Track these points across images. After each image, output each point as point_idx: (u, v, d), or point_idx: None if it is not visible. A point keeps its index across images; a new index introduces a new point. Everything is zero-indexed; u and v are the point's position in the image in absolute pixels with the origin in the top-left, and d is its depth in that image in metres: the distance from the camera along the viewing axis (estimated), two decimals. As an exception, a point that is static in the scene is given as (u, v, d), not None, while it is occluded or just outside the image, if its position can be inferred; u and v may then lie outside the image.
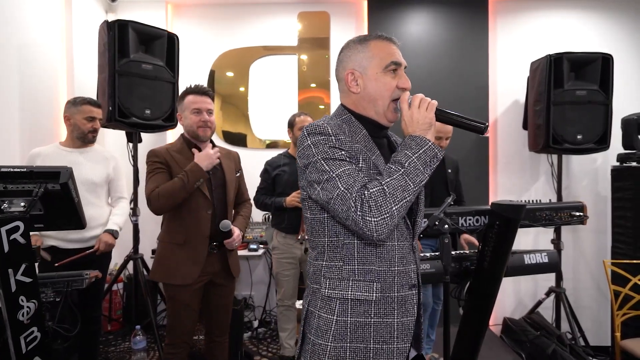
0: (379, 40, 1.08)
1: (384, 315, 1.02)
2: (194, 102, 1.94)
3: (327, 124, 1.03)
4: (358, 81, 1.08)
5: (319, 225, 1.07)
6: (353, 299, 1.02)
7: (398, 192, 0.94)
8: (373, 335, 1.02)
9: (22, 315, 1.33)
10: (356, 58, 1.08)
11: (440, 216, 1.54)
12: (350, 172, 0.97)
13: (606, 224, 3.23)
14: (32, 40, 2.63)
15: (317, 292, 1.07)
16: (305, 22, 3.51)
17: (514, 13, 3.44)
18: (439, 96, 3.46)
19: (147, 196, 1.84)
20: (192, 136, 1.97)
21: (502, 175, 3.45)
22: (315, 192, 1.01)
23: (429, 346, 2.75)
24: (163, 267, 1.90)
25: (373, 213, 0.92)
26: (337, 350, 1.01)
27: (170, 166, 1.89)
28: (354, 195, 0.94)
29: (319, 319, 1.05)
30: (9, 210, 1.34)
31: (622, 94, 3.12)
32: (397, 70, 1.08)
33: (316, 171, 1.00)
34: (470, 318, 1.80)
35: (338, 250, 1.04)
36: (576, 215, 1.91)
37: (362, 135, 1.07)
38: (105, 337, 3.12)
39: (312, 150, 1.01)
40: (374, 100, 1.07)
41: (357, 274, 1.03)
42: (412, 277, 1.07)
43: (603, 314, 3.25)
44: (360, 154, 1.03)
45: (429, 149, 0.97)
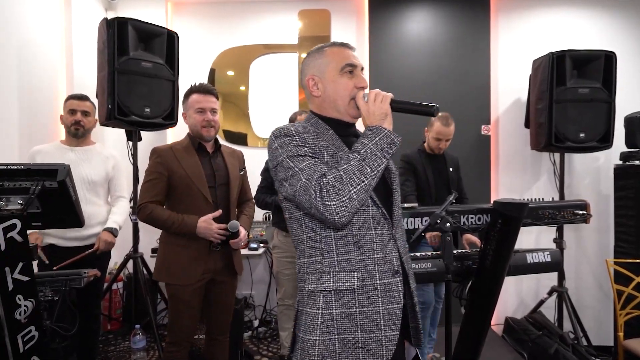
0: (334, 46, 1.17)
1: (368, 304, 1.04)
2: (197, 102, 1.93)
3: (291, 126, 1.10)
4: (318, 85, 1.16)
5: (297, 223, 1.11)
6: (336, 290, 1.05)
7: (355, 177, 0.99)
8: (360, 324, 1.04)
9: (19, 314, 1.32)
10: (315, 64, 1.17)
11: (442, 214, 1.52)
12: (312, 165, 1.03)
13: (609, 223, 3.20)
14: (32, 38, 2.62)
15: (303, 290, 1.10)
16: (306, 20, 3.50)
17: (515, 10, 3.42)
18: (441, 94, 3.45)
19: (139, 204, 1.86)
20: (196, 135, 1.95)
21: (504, 173, 3.43)
22: (285, 189, 1.06)
23: (430, 345, 2.73)
24: (167, 267, 1.89)
25: (332, 197, 0.98)
26: (326, 344, 1.03)
27: (172, 167, 1.87)
28: (313, 184, 0.99)
29: (306, 315, 1.07)
30: (6, 208, 1.33)
31: (625, 92, 3.10)
32: (353, 72, 1.15)
33: (283, 169, 1.06)
34: (472, 317, 1.79)
35: (317, 244, 1.08)
36: (579, 213, 1.89)
37: (330, 135, 1.14)
38: (104, 336, 3.12)
39: (279, 152, 1.07)
40: (334, 100, 1.15)
41: (337, 265, 1.06)
42: (394, 265, 1.09)
43: (605, 314, 3.23)
44: (325, 150, 1.09)
45: (385, 135, 1.05)
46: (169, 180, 1.88)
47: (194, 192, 1.88)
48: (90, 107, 2.36)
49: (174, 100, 2.81)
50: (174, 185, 1.88)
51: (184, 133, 3.40)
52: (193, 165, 1.90)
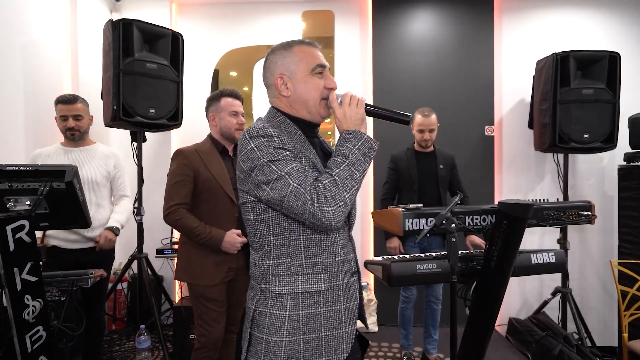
0: (302, 45, 1.15)
1: (332, 303, 1.09)
2: (232, 105, 1.98)
3: (267, 125, 1.06)
4: (288, 85, 1.13)
5: (264, 226, 1.09)
6: (303, 292, 1.07)
7: (348, 181, 1.00)
8: (324, 323, 1.07)
9: (27, 314, 1.33)
10: (283, 63, 1.13)
11: (447, 215, 1.52)
12: (298, 169, 1.02)
13: (613, 224, 3.20)
14: (37, 39, 2.64)
15: (266, 291, 1.09)
16: (310, 21, 3.50)
17: (519, 11, 3.41)
18: (444, 95, 3.46)
19: (168, 205, 1.88)
20: (227, 137, 1.99)
21: (508, 174, 3.43)
22: (265, 192, 1.03)
23: (432, 346, 2.74)
24: (189, 267, 1.92)
25: (329, 203, 0.98)
26: (292, 344, 1.05)
27: (198, 169, 1.90)
28: (308, 189, 0.98)
29: (271, 316, 1.07)
30: (15, 208, 1.34)
31: (629, 93, 3.09)
32: (322, 72, 1.14)
33: (263, 173, 1.02)
34: (476, 318, 1.78)
35: (285, 247, 1.08)
36: (584, 214, 1.88)
37: (299, 136, 1.12)
38: (109, 336, 3.13)
39: (256, 153, 1.03)
40: (305, 101, 1.13)
41: (305, 268, 1.07)
42: (352, 265, 1.15)
43: (610, 315, 3.22)
44: (301, 154, 1.09)
45: (365, 141, 1.05)
46: (195, 181, 1.90)
47: (219, 194, 1.90)
48: (82, 108, 2.30)
49: (179, 101, 2.83)
50: (199, 187, 1.91)
51: (188, 134, 3.44)
52: (218, 167, 1.93)
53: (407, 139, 2.81)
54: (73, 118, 2.27)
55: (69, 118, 2.27)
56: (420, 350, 2.87)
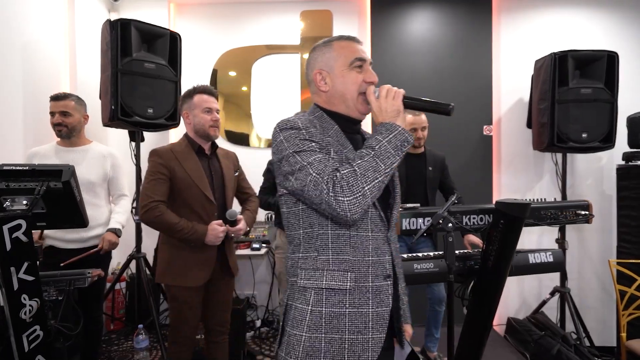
0: (342, 40, 1.15)
1: (358, 305, 1.04)
2: (205, 101, 1.93)
3: (297, 119, 1.07)
4: (326, 80, 1.13)
5: (295, 218, 1.10)
6: (327, 289, 1.04)
7: (369, 173, 0.97)
8: (348, 325, 1.03)
9: (24, 314, 1.33)
10: (322, 59, 1.14)
11: (444, 215, 1.53)
12: (321, 159, 1.01)
13: (611, 223, 3.20)
14: (35, 39, 2.64)
15: (295, 285, 1.09)
16: (308, 20, 3.50)
17: (518, 11, 3.42)
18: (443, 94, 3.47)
19: (146, 202, 1.81)
20: (201, 135, 1.95)
21: (506, 174, 3.43)
22: (290, 183, 1.03)
23: (433, 344, 2.74)
24: (171, 269, 1.88)
25: (345, 192, 0.95)
26: (312, 341, 1.02)
27: (174, 168, 1.86)
28: (325, 179, 0.97)
29: (295, 310, 1.07)
30: (11, 208, 1.34)
31: (627, 92, 3.09)
32: (362, 66, 1.13)
33: (288, 163, 1.03)
34: (474, 318, 1.79)
35: (313, 241, 1.07)
36: (582, 214, 1.89)
37: (334, 131, 1.11)
38: (108, 336, 3.13)
39: (284, 145, 1.05)
40: (342, 95, 1.12)
41: (331, 264, 1.05)
42: (386, 268, 1.08)
43: (608, 314, 3.22)
44: (331, 146, 1.07)
45: (398, 133, 1.03)
46: (171, 181, 1.86)
47: (196, 194, 1.87)
48: (72, 105, 2.28)
49: (177, 101, 2.82)
50: (176, 187, 1.87)
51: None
52: (194, 167, 1.90)
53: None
54: (60, 114, 2.25)
55: (55, 114, 2.25)
56: (419, 349, 2.87)
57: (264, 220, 3.37)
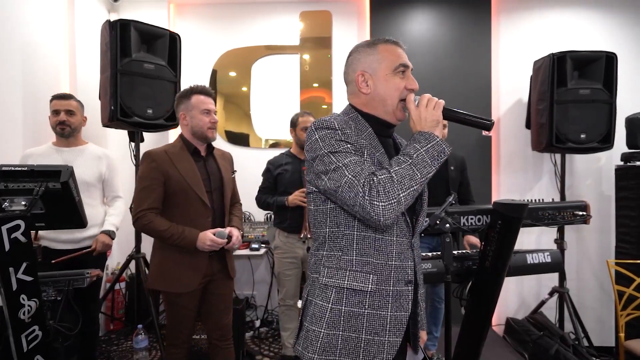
0: (387, 44, 1.14)
1: (378, 307, 1.06)
2: (203, 102, 1.89)
3: (334, 119, 1.08)
4: (368, 82, 1.13)
5: (322, 217, 1.11)
6: (349, 288, 1.06)
7: (406, 180, 0.98)
8: (366, 326, 1.05)
9: (23, 314, 1.34)
10: (366, 60, 1.14)
11: (441, 215, 1.53)
12: (357, 162, 1.02)
13: (610, 224, 3.20)
14: (35, 39, 2.64)
15: (316, 281, 1.11)
16: (308, 21, 3.51)
17: (517, 11, 3.42)
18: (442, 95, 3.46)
19: (136, 211, 1.78)
20: (199, 137, 1.91)
21: (505, 174, 3.44)
22: (323, 182, 1.04)
23: (432, 342, 2.75)
24: (163, 275, 1.84)
25: (381, 197, 0.96)
26: (330, 338, 1.04)
27: (168, 171, 1.81)
28: (362, 182, 0.98)
29: (315, 306, 1.08)
30: (10, 209, 1.35)
31: (626, 93, 3.10)
32: (405, 72, 1.14)
33: (323, 163, 1.04)
34: (472, 318, 1.79)
35: (338, 240, 1.08)
36: (579, 214, 1.89)
37: (368, 133, 1.12)
38: (107, 336, 3.13)
39: (319, 144, 1.06)
40: (383, 100, 1.13)
41: (354, 265, 1.07)
42: (408, 274, 1.09)
43: (607, 314, 3.22)
44: (365, 149, 1.08)
45: (436, 144, 1.03)
46: (165, 185, 1.81)
47: (191, 197, 1.82)
48: (75, 105, 2.33)
49: (176, 101, 2.83)
50: (170, 191, 1.82)
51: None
52: (189, 169, 1.84)
53: None
54: (65, 112, 2.29)
55: (61, 112, 2.28)
56: (431, 353, 2.87)
57: (263, 220, 3.38)
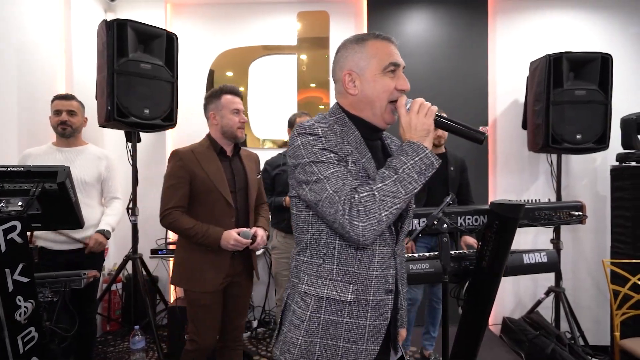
0: (377, 40, 1.06)
1: (357, 316, 1.03)
2: (233, 102, 1.92)
3: (317, 124, 1.01)
4: (355, 82, 1.06)
5: (304, 222, 1.07)
6: (328, 298, 1.03)
7: (389, 199, 0.93)
8: (344, 334, 1.02)
9: (19, 315, 1.33)
10: (354, 58, 1.06)
11: (438, 215, 1.54)
12: (339, 175, 0.96)
13: (605, 224, 3.22)
14: (31, 39, 2.63)
15: (296, 287, 1.08)
16: (305, 21, 3.51)
17: (513, 13, 3.44)
18: (439, 96, 3.48)
19: (163, 209, 1.84)
20: (228, 136, 1.93)
21: (502, 174, 3.45)
22: (304, 192, 1.00)
23: (429, 342, 2.76)
24: (185, 272, 1.87)
25: (361, 218, 0.91)
26: (307, 345, 1.02)
27: (194, 171, 1.85)
28: (342, 199, 0.93)
29: (294, 312, 1.06)
30: (6, 209, 1.34)
31: (621, 94, 3.12)
32: (395, 71, 1.06)
33: (304, 172, 0.99)
34: (469, 318, 1.80)
35: (319, 248, 1.05)
36: (575, 214, 1.90)
37: (354, 137, 1.05)
38: (104, 337, 3.12)
39: (301, 151, 1.00)
40: (371, 102, 1.05)
41: (335, 274, 1.03)
42: (389, 283, 1.06)
43: (602, 314, 3.25)
44: (350, 156, 1.02)
45: (425, 156, 0.97)
46: (191, 184, 1.85)
47: (215, 196, 1.85)
48: (77, 106, 2.35)
49: (173, 101, 2.82)
50: (195, 190, 1.86)
51: (182, 134, 3.43)
52: (215, 169, 1.88)
53: None
54: (67, 112, 2.30)
55: (62, 112, 2.29)
56: (415, 349, 2.89)
57: (260, 220, 3.37)
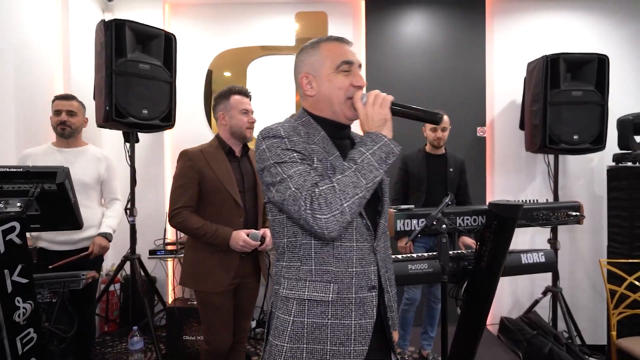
0: (329, 42, 1.10)
1: (341, 316, 1.02)
2: (242, 103, 1.94)
3: (280, 126, 1.04)
4: (312, 84, 1.09)
5: (279, 227, 1.07)
6: (310, 300, 1.02)
7: (349, 189, 0.94)
8: (330, 336, 1.01)
9: (18, 317, 1.32)
10: (309, 61, 1.10)
11: (437, 216, 1.54)
12: (301, 172, 0.98)
13: (602, 224, 3.24)
14: (29, 39, 2.62)
15: (278, 293, 1.07)
16: (303, 22, 3.51)
17: (511, 14, 3.45)
18: (437, 96, 3.47)
19: (172, 209, 1.85)
20: (237, 137, 1.94)
21: (499, 175, 3.47)
22: (272, 194, 1.02)
23: (427, 342, 2.77)
24: (194, 273, 1.87)
25: (323, 210, 0.93)
26: (294, 352, 1.01)
27: (203, 171, 1.85)
28: (304, 194, 0.94)
29: (277, 319, 1.05)
30: (5, 210, 1.33)
31: (617, 95, 3.13)
32: (350, 69, 1.08)
33: (270, 174, 1.01)
34: (468, 317, 1.81)
35: (296, 250, 1.05)
36: (573, 214, 1.92)
37: (321, 137, 1.08)
38: (101, 337, 3.11)
39: (266, 154, 1.02)
40: (329, 100, 1.08)
41: (314, 275, 1.03)
42: (371, 279, 1.05)
43: (599, 313, 3.26)
44: (315, 154, 1.03)
45: (384, 144, 0.99)
46: (200, 184, 1.86)
47: (224, 197, 1.85)
48: (77, 106, 2.34)
49: (172, 101, 2.82)
50: (204, 190, 1.86)
51: (181, 134, 3.43)
52: (224, 169, 1.88)
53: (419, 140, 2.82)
54: (66, 113, 2.29)
55: (62, 112, 2.28)
56: (414, 349, 2.89)
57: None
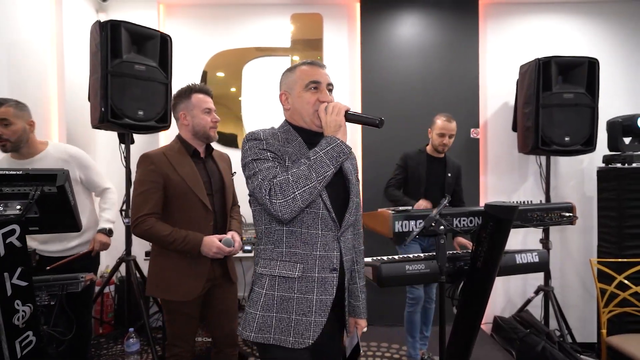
0: (304, 65, 1.34)
1: (305, 292, 1.22)
2: (204, 102, 1.85)
3: (261, 131, 1.28)
4: (288, 100, 1.35)
5: (258, 215, 1.30)
6: (279, 276, 1.23)
7: (301, 180, 1.15)
8: (295, 308, 1.22)
9: (17, 320, 1.32)
10: (286, 82, 1.36)
11: (436, 217, 1.57)
12: (269, 167, 1.21)
13: (592, 224, 3.31)
14: (22, 40, 2.59)
15: (256, 271, 1.30)
16: (298, 23, 3.53)
17: (503, 17, 3.51)
18: (431, 98, 3.52)
19: (135, 217, 1.72)
20: (200, 137, 1.86)
21: (492, 176, 3.52)
22: (249, 185, 1.25)
23: (422, 342, 2.79)
24: (162, 282, 1.78)
25: (278, 196, 1.15)
26: (264, 319, 1.22)
27: (167, 174, 1.75)
28: (266, 183, 1.18)
29: (253, 292, 1.28)
30: (5, 213, 1.32)
31: (607, 97, 3.20)
32: (318, 87, 1.30)
33: (247, 169, 1.25)
34: (463, 317, 1.83)
35: (271, 235, 1.27)
36: (566, 215, 1.96)
37: (297, 142, 1.31)
38: (96, 340, 3.09)
39: (247, 153, 1.26)
40: (300, 113, 1.32)
41: (284, 256, 1.24)
42: (333, 262, 1.25)
43: (589, 312, 3.33)
44: (287, 155, 1.26)
45: (336, 145, 1.21)
46: (165, 188, 1.75)
47: (192, 200, 1.77)
48: (12, 112, 1.95)
49: (167, 103, 2.81)
50: (170, 194, 1.76)
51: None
52: (189, 172, 1.79)
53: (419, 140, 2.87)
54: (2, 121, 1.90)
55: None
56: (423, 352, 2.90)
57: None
